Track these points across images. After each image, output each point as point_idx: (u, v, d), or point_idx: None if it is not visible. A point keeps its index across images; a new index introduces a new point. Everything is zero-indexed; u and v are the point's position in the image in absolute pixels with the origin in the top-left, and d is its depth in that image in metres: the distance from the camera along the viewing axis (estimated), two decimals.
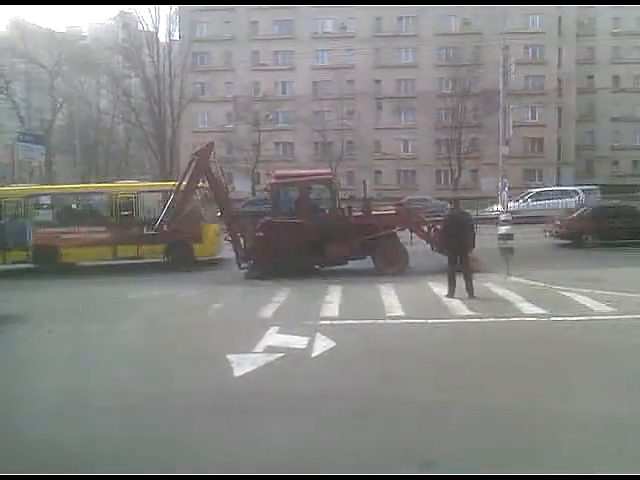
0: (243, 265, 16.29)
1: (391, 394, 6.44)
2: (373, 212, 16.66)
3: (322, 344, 8.38)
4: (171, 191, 16.80)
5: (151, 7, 72.31)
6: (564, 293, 11.97)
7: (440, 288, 12.66)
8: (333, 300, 12.16)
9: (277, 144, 55.90)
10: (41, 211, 19.68)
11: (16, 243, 18.61)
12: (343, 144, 52.06)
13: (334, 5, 54.05)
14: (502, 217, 16.25)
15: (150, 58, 54.45)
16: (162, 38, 56.61)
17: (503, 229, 15.84)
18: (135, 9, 66.99)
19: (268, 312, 11.20)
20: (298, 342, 8.53)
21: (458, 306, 11.06)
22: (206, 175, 16.78)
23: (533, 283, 13.22)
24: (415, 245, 16.57)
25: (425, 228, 16.27)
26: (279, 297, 12.80)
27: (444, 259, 12.95)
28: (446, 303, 11.44)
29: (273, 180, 16.74)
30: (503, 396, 6.25)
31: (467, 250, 12.29)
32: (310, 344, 8.40)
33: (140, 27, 56.87)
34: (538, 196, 33.25)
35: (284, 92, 57.42)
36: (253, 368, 7.40)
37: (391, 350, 8.25)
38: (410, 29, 56.35)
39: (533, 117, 54.47)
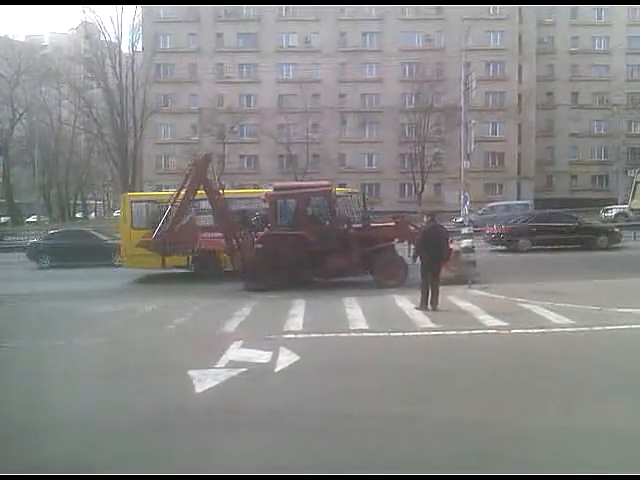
0: (242, 276, 16.13)
1: (354, 407, 6.39)
2: (372, 224, 16.70)
3: (286, 358, 8.31)
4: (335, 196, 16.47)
5: (114, 17, 71.92)
6: None
7: (404, 302, 12.71)
8: (296, 314, 12.11)
9: (242, 157, 55.75)
10: (201, 216, 18.59)
11: None
12: (308, 157, 52.22)
13: (300, 6, 54.34)
14: (464, 230, 16.35)
15: (112, 69, 53.96)
16: (125, 49, 56.25)
17: (465, 242, 15.95)
18: (98, 19, 66.43)
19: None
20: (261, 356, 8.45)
21: (421, 319, 11.07)
22: (203, 186, 16.71)
23: None
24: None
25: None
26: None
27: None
28: (409, 316, 11.46)
29: (272, 192, 16.67)
30: (466, 408, 6.25)
31: (440, 263, 12.36)
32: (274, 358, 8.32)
33: (103, 38, 56.35)
34: None
35: (249, 105, 57.34)
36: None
37: (355, 363, 8.21)
38: (374, 44, 56.99)
39: (494, 132, 55.46)
